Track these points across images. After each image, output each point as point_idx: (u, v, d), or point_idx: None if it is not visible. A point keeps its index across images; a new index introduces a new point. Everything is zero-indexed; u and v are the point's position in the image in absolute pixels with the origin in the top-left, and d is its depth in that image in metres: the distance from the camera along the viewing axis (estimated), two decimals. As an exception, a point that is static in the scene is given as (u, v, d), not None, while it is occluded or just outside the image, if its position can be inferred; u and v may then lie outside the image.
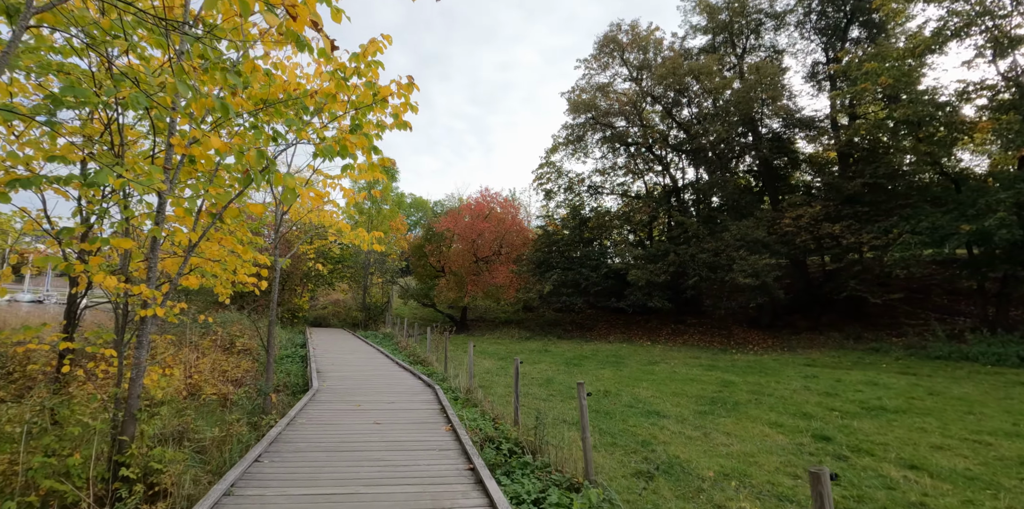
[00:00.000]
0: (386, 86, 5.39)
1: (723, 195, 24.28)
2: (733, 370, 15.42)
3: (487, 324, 30.05)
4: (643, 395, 11.59)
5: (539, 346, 22.08)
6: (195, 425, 6.55)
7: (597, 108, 26.17)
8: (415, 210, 62.58)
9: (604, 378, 14.04)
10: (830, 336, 20.91)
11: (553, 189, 29.87)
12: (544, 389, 12.16)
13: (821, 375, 14.15)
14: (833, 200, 20.34)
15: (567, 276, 25.21)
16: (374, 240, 8.91)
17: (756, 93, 23.25)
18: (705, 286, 21.75)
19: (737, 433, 8.46)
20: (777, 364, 16.64)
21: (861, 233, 18.85)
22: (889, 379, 13.35)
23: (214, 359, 10.55)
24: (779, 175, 26.68)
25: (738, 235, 20.54)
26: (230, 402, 8.54)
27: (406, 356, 15.91)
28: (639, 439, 7.99)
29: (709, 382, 13.32)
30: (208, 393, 8.31)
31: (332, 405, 7.88)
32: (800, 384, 12.81)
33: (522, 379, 13.39)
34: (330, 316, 33.32)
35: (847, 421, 9.22)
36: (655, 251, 23.55)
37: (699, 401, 11.02)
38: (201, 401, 8.34)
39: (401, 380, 10.74)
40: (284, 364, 12.97)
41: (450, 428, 6.49)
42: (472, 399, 9.27)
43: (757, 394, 11.72)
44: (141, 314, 4.53)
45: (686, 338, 23.52)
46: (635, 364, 16.88)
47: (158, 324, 13.30)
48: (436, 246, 29.81)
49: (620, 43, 26.85)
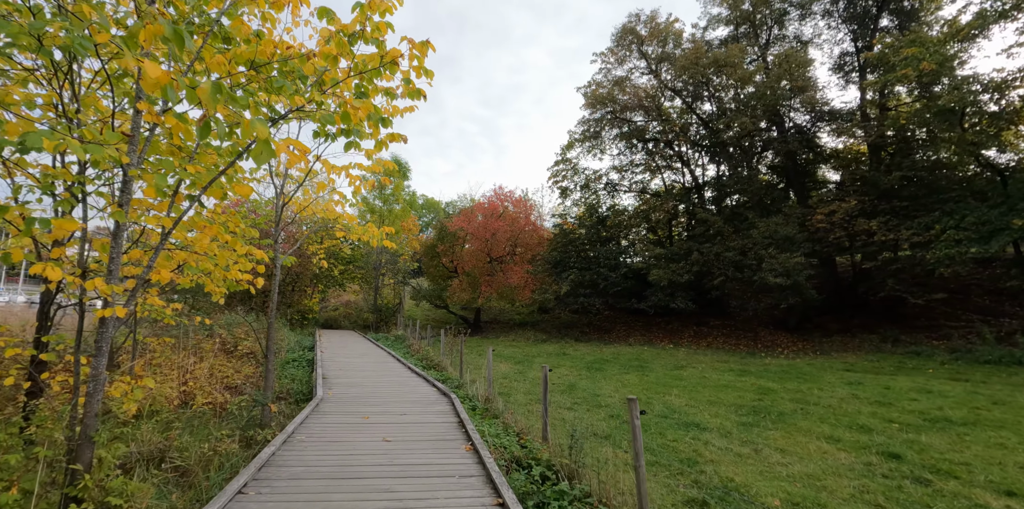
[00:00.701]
0: (395, 48, 4.55)
1: (747, 191, 23.19)
2: (768, 375, 14.40)
3: (501, 326, 29.16)
4: (676, 403, 10.64)
5: (556, 349, 21.15)
6: (180, 441, 5.73)
7: (616, 101, 25.22)
8: (427, 211, 61.90)
9: (630, 384, 13.09)
10: (865, 339, 19.76)
11: (569, 187, 28.96)
12: (567, 396, 11.25)
13: (866, 381, 13.10)
14: (868, 195, 19.21)
15: (584, 276, 24.27)
16: (384, 235, 8.12)
17: (782, 85, 22.20)
18: (731, 286, 20.68)
19: (791, 449, 7.49)
20: (813, 369, 15.58)
21: (899, 229, 17.71)
22: (942, 386, 12.27)
23: (212, 364, 9.76)
24: (805, 170, 25.56)
25: (766, 232, 19.49)
26: (225, 412, 7.74)
27: (419, 360, 15.07)
28: (682, 456, 7.06)
29: (745, 389, 12.33)
30: (200, 403, 7.51)
31: (337, 417, 7.03)
32: (846, 391, 11.78)
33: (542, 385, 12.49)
34: (341, 318, 32.63)
35: (912, 435, 8.21)
36: (677, 250, 22.53)
37: (739, 410, 10.05)
38: (193, 411, 7.55)
39: (414, 387, 9.88)
40: (289, 369, 12.18)
41: (471, 448, 5.60)
42: (492, 409, 8.39)
43: (801, 403, 10.71)
44: (99, 315, 3.70)
45: (710, 341, 22.48)
46: (660, 369, 15.91)
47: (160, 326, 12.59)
48: (449, 246, 28.98)
49: (639, 35, 25.90)
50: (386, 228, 8.16)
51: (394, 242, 13.63)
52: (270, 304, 7.67)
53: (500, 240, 27.23)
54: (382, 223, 32.39)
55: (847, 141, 24.49)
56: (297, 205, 8.97)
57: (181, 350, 10.86)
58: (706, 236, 22.67)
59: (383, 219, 32.91)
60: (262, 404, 6.98)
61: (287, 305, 25.98)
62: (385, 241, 8.09)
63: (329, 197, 7.76)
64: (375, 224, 31.91)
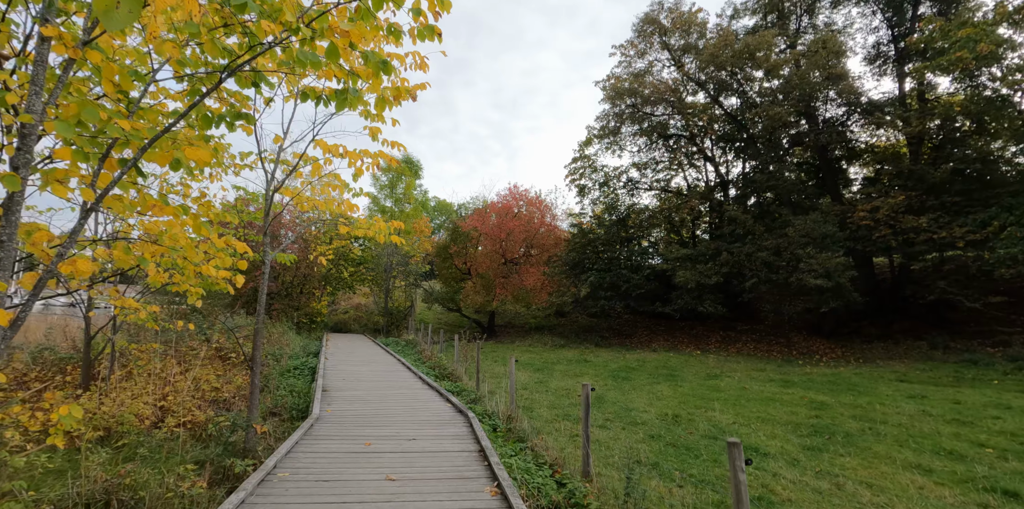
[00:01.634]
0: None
1: (777, 188, 21.79)
2: (815, 387, 13.05)
3: (516, 330, 27.93)
4: (722, 421, 9.37)
5: (576, 355, 19.89)
6: (135, 477, 4.58)
7: (638, 93, 23.95)
8: (439, 213, 60.90)
9: (664, 396, 11.82)
10: (910, 346, 18.28)
11: (587, 184, 27.69)
12: (597, 411, 10.01)
13: (929, 395, 11.72)
14: (915, 190, 17.77)
15: (605, 278, 22.99)
16: (393, 230, 7.01)
17: (815, 75, 20.84)
18: (764, 289, 19.31)
19: (879, 483, 6.21)
20: (862, 379, 14.20)
21: (951, 227, 16.27)
22: (1020, 401, 10.86)
23: (199, 374, 8.65)
24: (838, 167, 24.12)
25: (803, 231, 18.11)
26: (205, 435, 6.61)
27: (430, 368, 13.92)
28: (751, 494, 5.81)
29: (794, 403, 11.00)
30: (171, 425, 6.39)
31: (332, 443, 5.87)
32: (912, 407, 10.42)
33: (567, 397, 11.28)
34: (351, 321, 31.62)
35: (1017, 464, 6.88)
36: (704, 250, 21.18)
37: (797, 430, 8.76)
38: (164, 433, 6.43)
39: (425, 402, 8.70)
40: (289, 378, 11.06)
41: (497, 491, 4.40)
42: (516, 430, 7.20)
43: (866, 421, 9.39)
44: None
45: (739, 347, 21.10)
46: (693, 378, 14.62)
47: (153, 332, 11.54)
48: (462, 247, 27.83)
49: (661, 25, 24.66)
50: (395, 223, 7.07)
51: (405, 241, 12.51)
52: (258, 307, 6.56)
53: (515, 240, 26.03)
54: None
55: (884, 134, 23.06)
56: (288, 192, 7.87)
57: (170, 358, 9.79)
58: (735, 235, 21.31)
59: (393, 219, 31.86)
60: (244, 427, 5.85)
61: (294, 308, 24.98)
62: (393, 237, 7.00)
63: (325, 183, 6.64)
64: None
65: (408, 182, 34.09)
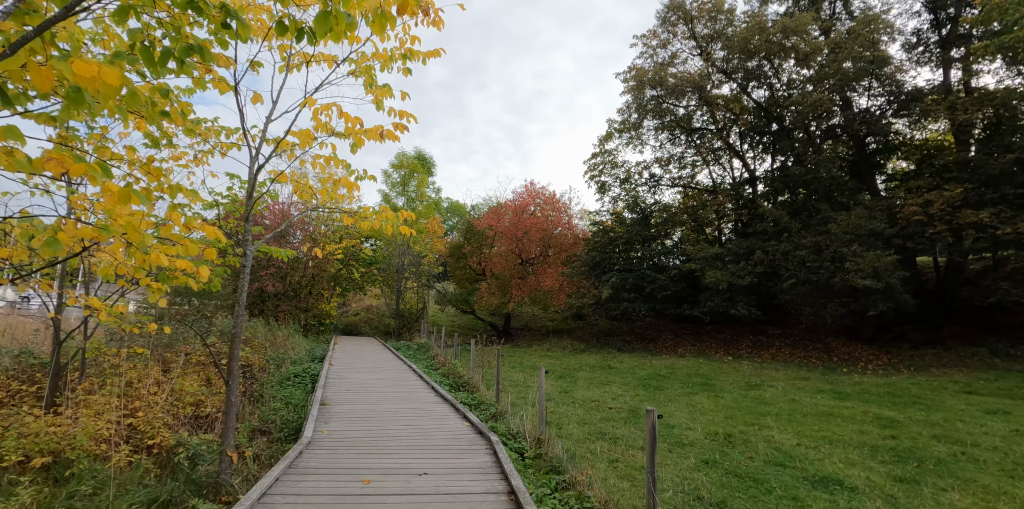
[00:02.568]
0: None
1: (813, 182, 20.34)
2: (872, 399, 11.67)
3: (533, 333, 26.65)
4: (783, 442, 8.05)
5: (598, 360, 18.59)
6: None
7: (664, 83, 22.62)
8: (452, 214, 59.91)
9: (706, 410, 10.51)
10: (966, 352, 16.77)
11: (608, 181, 26.40)
12: (633, 427, 8.74)
13: (1010, 410, 10.29)
14: (970, 182, 16.28)
15: (628, 279, 21.66)
16: (402, 221, 5.93)
17: (855, 61, 19.39)
18: (804, 289, 17.89)
19: (1011, 533, 4.91)
20: (922, 390, 12.78)
21: (1016, 221, 14.77)
22: (1123, 418, 9.43)
23: (176, 386, 7.52)
24: (875, 160, 22.60)
25: (848, 227, 16.67)
26: (172, 462, 5.47)
27: (444, 375, 12.73)
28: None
29: (858, 420, 9.64)
30: (125, 452, 5.23)
31: (321, 480, 4.67)
32: (1000, 426, 9.03)
33: (597, 410, 10.01)
34: (362, 323, 30.59)
35: None
36: (735, 249, 19.79)
37: (876, 455, 7.43)
38: (127, 462, 5.28)
39: (439, 420, 7.49)
40: (287, 388, 9.92)
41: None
42: (547, 456, 5.97)
43: (953, 443, 8.03)
44: None
45: (773, 352, 19.65)
46: (731, 387, 13.28)
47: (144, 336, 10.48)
48: (476, 246, 26.61)
49: (686, 11, 23.36)
50: (404, 212, 5.98)
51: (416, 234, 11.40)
52: (237, 307, 5.41)
53: (532, 239, 24.77)
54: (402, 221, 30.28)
55: (928, 124, 21.52)
56: (285, 179, 6.72)
57: (153, 365, 8.70)
58: (768, 233, 19.91)
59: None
60: (205, 462, 4.68)
61: (302, 310, 23.94)
62: (403, 227, 5.93)
63: (316, 155, 5.49)
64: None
65: (420, 178, 32.96)
